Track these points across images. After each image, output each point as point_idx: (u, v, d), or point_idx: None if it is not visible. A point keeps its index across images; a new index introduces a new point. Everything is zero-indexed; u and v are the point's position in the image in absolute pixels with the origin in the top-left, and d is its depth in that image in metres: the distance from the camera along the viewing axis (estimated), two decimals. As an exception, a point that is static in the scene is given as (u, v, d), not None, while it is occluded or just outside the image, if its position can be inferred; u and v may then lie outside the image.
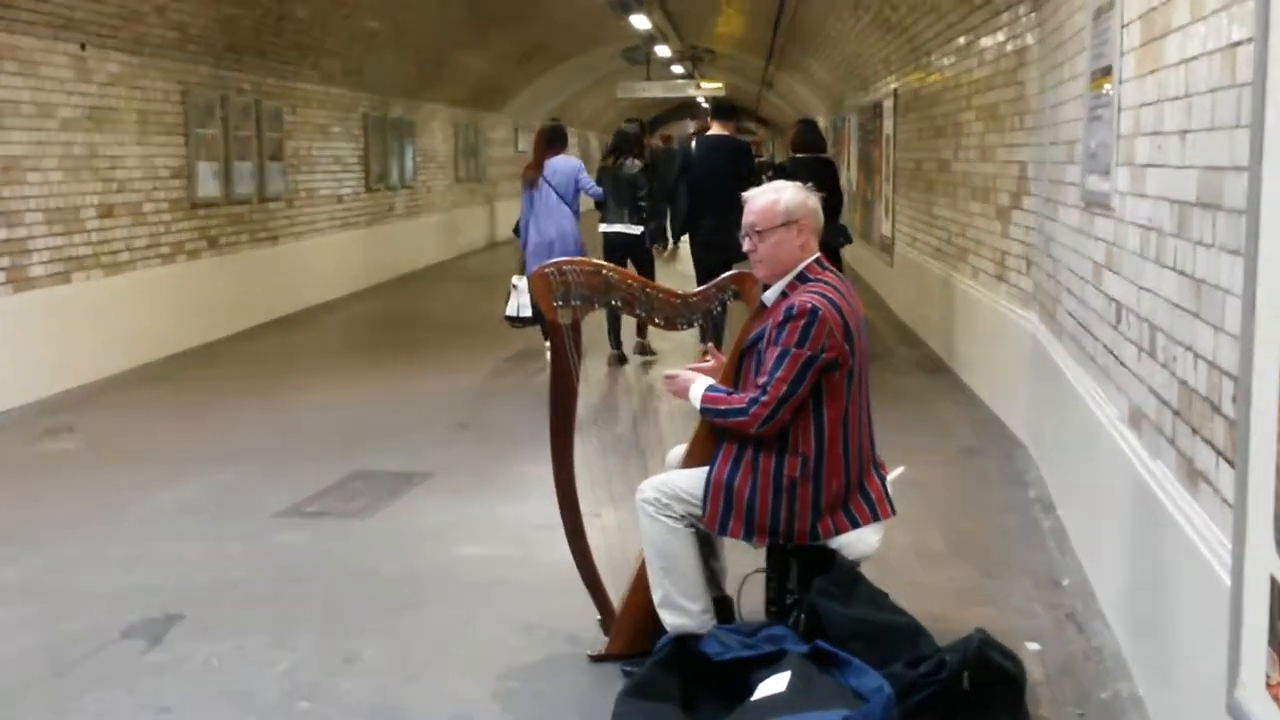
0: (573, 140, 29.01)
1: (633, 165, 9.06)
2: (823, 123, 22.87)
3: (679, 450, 3.73)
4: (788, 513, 3.34)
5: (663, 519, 3.46)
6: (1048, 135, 5.79)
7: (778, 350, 3.29)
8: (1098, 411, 4.27)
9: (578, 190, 8.79)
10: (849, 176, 17.07)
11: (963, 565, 4.65)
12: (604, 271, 3.57)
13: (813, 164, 8.97)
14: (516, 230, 9.03)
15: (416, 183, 16.71)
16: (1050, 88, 5.76)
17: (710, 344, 3.86)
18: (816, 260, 3.45)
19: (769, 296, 3.47)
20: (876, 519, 3.43)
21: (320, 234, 13.13)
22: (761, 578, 3.59)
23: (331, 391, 8.16)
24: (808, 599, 3.34)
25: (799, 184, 3.50)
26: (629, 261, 8.83)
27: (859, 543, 3.40)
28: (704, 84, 26.06)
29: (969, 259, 8.10)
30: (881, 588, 3.46)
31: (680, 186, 8.87)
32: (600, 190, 9.02)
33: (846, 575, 3.39)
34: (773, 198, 3.44)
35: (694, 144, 9.15)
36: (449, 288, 15.02)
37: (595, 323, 17.56)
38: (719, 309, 3.62)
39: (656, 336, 8.46)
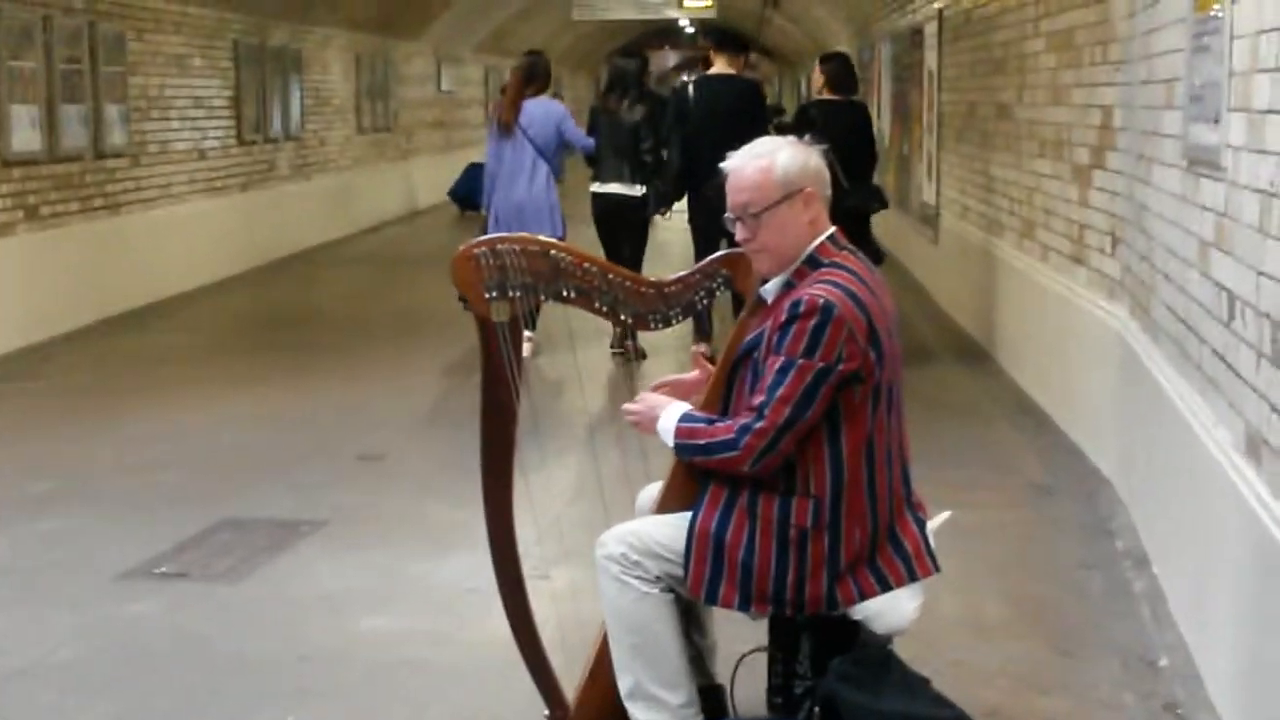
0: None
1: (633, 110, 9.22)
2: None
3: (652, 490, 3.72)
4: (797, 574, 3.35)
5: (631, 582, 3.45)
6: (1139, 71, 5.83)
7: (780, 360, 3.29)
8: (1205, 437, 4.30)
9: (561, 143, 9.01)
10: (879, 127, 17.15)
11: (1029, 641, 4.65)
12: (552, 252, 3.56)
13: (848, 110, 9.25)
14: (454, 194, 9.15)
15: (305, 133, 16.68)
16: (1143, 8, 5.80)
17: (703, 346, 3.86)
18: (830, 238, 3.45)
19: (769, 290, 3.48)
20: (914, 579, 3.43)
21: (177, 201, 13.07)
22: (762, 658, 3.59)
23: (193, 412, 8.11)
24: (823, 687, 3.34)
25: (793, 139, 3.50)
26: (621, 232, 9.10)
27: (891, 612, 3.41)
28: (689, 1, 26.11)
29: (1037, 235, 8.15)
30: (921, 671, 3.46)
31: (674, 138, 9.08)
32: (591, 142, 9.22)
33: (875, 655, 3.38)
34: (764, 163, 3.43)
35: (691, 85, 9.42)
36: (350, 274, 14.99)
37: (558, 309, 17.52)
38: (704, 301, 3.62)
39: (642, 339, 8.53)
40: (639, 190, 9.09)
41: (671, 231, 11.97)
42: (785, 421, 3.26)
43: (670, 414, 3.46)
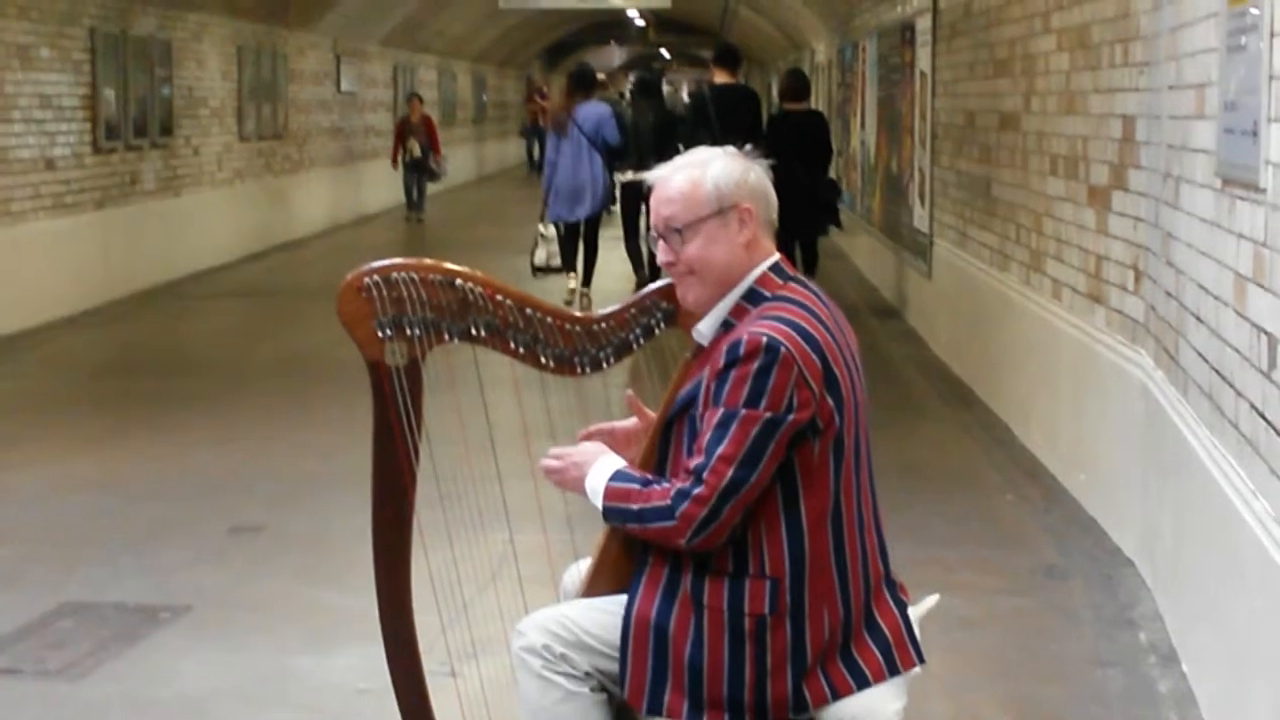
0: (431, 77, 29.13)
1: (647, 114, 14.47)
2: (824, 53, 23.24)
3: (580, 568, 3.70)
4: (755, 673, 3.33)
5: (556, 679, 3.42)
6: (1166, 74, 5.90)
7: (719, 413, 3.28)
8: (1242, 507, 4.32)
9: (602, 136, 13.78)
10: (864, 136, 17.28)
11: (1034, 752, 4.66)
12: (458, 281, 3.55)
13: (808, 117, 13.83)
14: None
15: (176, 140, 16.64)
16: (1170, 1, 5.87)
17: (630, 392, 3.84)
18: (774, 268, 3.46)
19: (704, 330, 3.48)
20: (895, 672, 3.42)
21: (17, 220, 13.01)
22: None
23: (27, 475, 8.05)
24: (787, 805, 3.31)
25: (730, 149, 3.51)
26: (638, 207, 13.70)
27: (868, 716, 3.39)
28: (639, -10, 26.29)
29: (1047, 268, 8.21)
30: (904, 787, 3.44)
31: (700, 134, 12.17)
32: (619, 139, 13.92)
33: (847, 768, 3.36)
34: (694, 173, 3.44)
35: (708, 91, 13.74)
36: (227, 309, 14.94)
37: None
38: (640, 340, 3.62)
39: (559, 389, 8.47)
40: None
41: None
42: (728, 485, 3.25)
43: (600, 471, 3.45)
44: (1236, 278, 4.58)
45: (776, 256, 3.47)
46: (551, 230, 13.79)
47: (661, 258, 3.48)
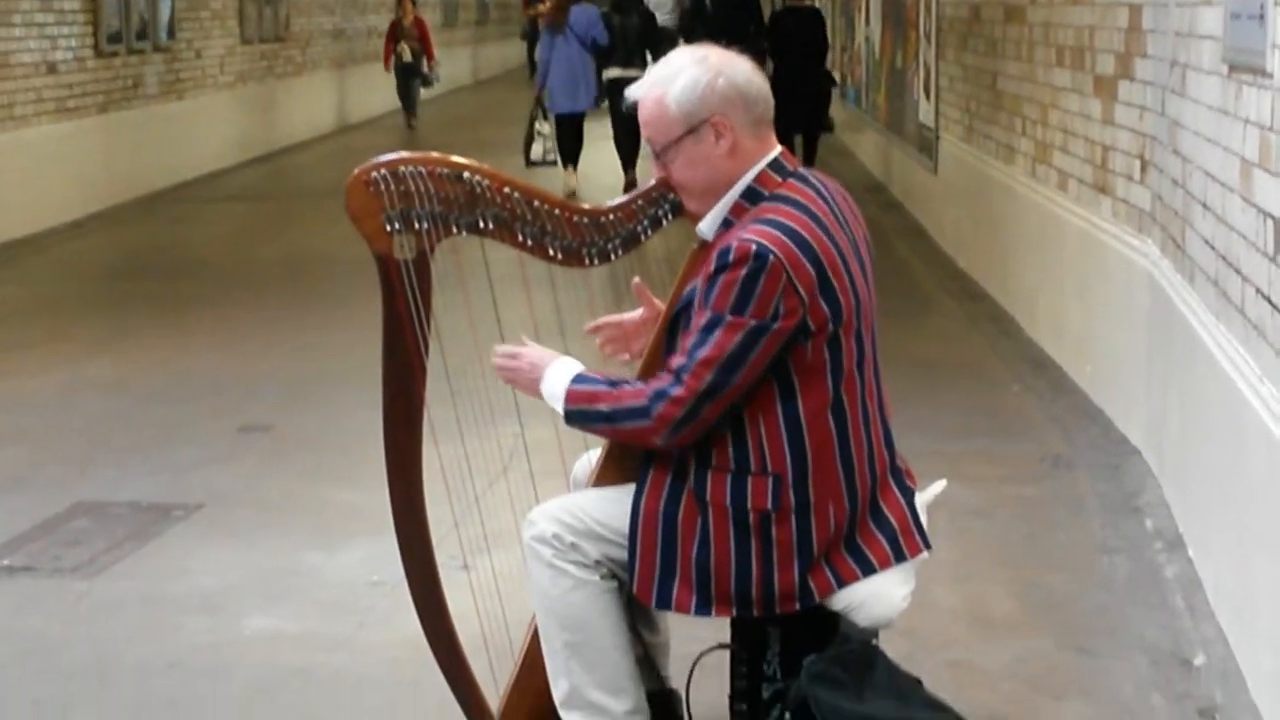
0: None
1: (631, 16, 15.25)
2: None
3: (588, 460, 3.74)
4: (762, 567, 3.36)
5: (566, 567, 3.47)
6: (1172, -39, 5.86)
7: (706, 316, 3.28)
8: (1249, 393, 4.34)
9: (592, 36, 15.04)
10: (868, 32, 17.17)
11: (1042, 636, 4.69)
12: (465, 175, 3.55)
13: (807, 13, 15.76)
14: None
15: (178, 44, 16.54)
16: (1176, -114, 5.83)
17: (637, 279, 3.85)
18: (773, 164, 3.44)
19: (705, 228, 3.48)
20: (901, 559, 3.45)
21: (21, 125, 12.95)
22: (724, 657, 3.61)
23: (39, 378, 8.08)
24: (796, 689, 3.35)
25: (697, 52, 3.45)
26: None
27: (875, 600, 3.43)
28: None
29: (1053, 159, 8.19)
30: (912, 671, 3.48)
31: (698, 30, 13.75)
32: (606, 38, 15.07)
33: (856, 652, 3.40)
34: (657, 93, 3.41)
35: None
36: (232, 212, 14.91)
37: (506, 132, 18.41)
38: (648, 231, 3.62)
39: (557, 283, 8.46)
40: (640, 72, 12.49)
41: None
42: (706, 388, 3.26)
43: (558, 374, 3.46)
44: (1243, 163, 4.58)
45: (776, 151, 3.45)
46: (548, 127, 15.64)
47: (654, 174, 3.49)
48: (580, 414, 3.41)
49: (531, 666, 3.66)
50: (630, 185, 14.51)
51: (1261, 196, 4.34)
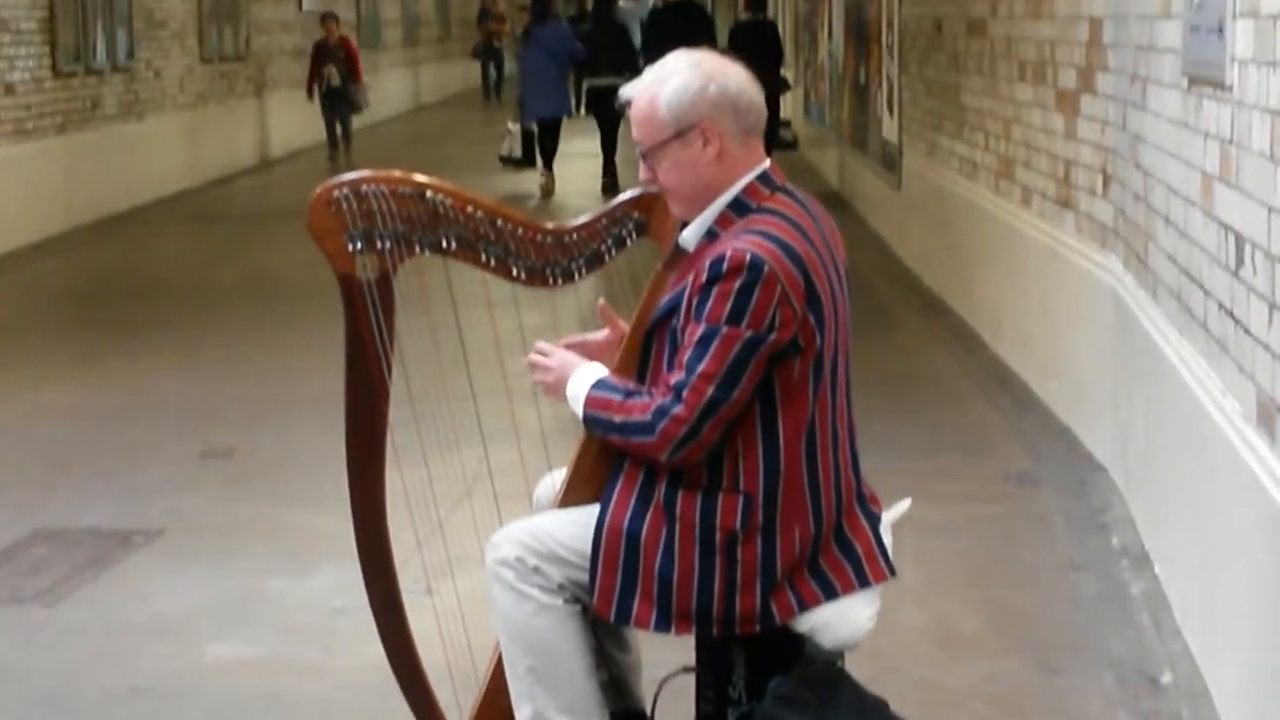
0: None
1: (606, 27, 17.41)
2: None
3: (551, 481, 3.72)
4: (724, 586, 3.35)
5: (529, 591, 3.45)
6: (1133, -24, 5.88)
7: (700, 329, 3.27)
8: (1211, 407, 4.35)
9: (567, 51, 16.91)
10: (831, 47, 17.23)
11: (1008, 656, 4.69)
12: (428, 194, 3.54)
13: (761, 25, 17.72)
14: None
15: (137, 63, 16.50)
16: (1135, -98, 5.85)
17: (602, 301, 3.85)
18: (762, 176, 3.44)
19: (688, 237, 3.47)
20: (865, 584, 3.44)
21: (-22, 147, 12.89)
22: (690, 679, 3.59)
23: (1, 400, 8.04)
24: (760, 711, 3.35)
25: (693, 57, 3.45)
26: (607, 109, 15.96)
27: (839, 623, 3.42)
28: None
29: (1016, 174, 8.22)
30: (879, 692, 3.47)
31: (660, 49, 13.84)
32: (583, 52, 16.94)
33: (822, 674, 3.39)
34: (650, 93, 3.41)
35: (664, 7, 17.61)
36: (193, 234, 14.89)
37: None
38: (612, 251, 3.62)
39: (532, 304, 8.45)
40: (617, 80, 13.89)
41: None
42: (708, 404, 3.25)
43: (582, 377, 3.45)
44: (1204, 177, 4.60)
45: (765, 164, 3.44)
46: (516, 127, 17.83)
47: (641, 175, 3.47)
48: (595, 420, 3.41)
49: (496, 691, 3.64)
50: (608, 187, 16.28)
51: (1223, 210, 4.36)
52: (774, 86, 17.00)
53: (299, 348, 8.98)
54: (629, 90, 3.48)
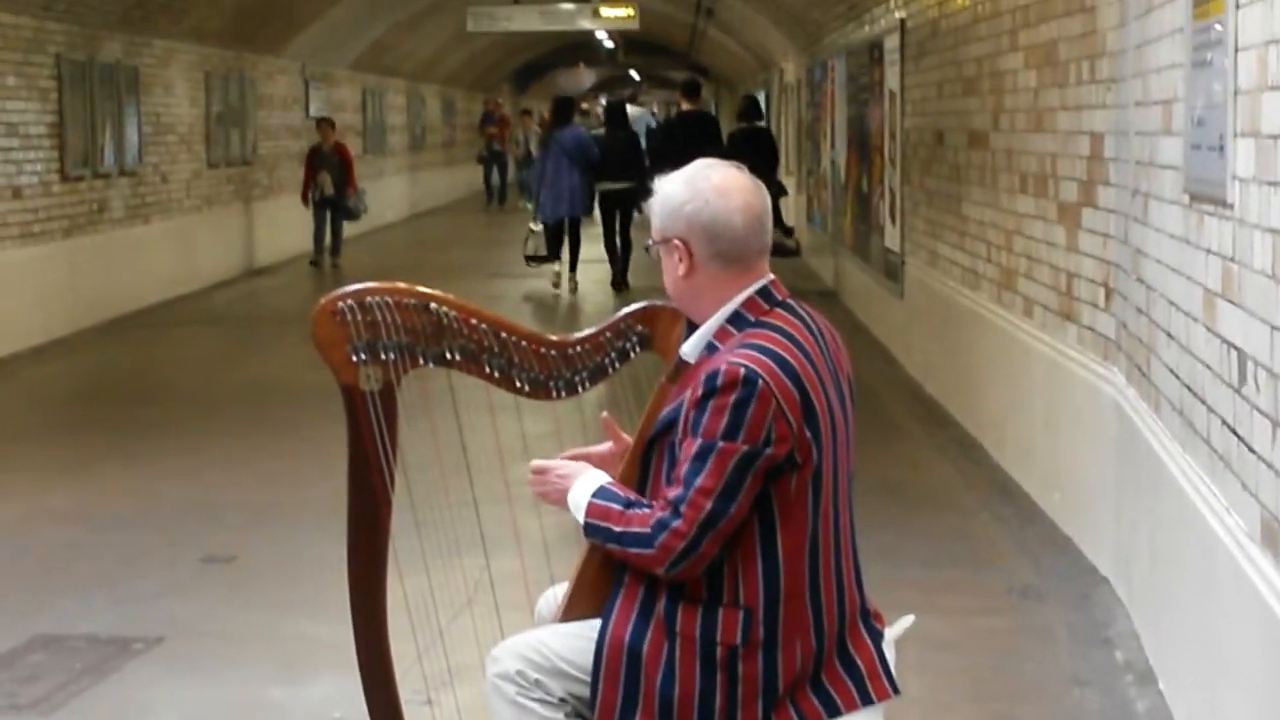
0: (400, 101, 29.15)
1: (620, 134, 18.28)
2: (793, 73, 23.30)
3: (555, 594, 3.71)
4: (725, 702, 3.33)
5: (530, 705, 3.43)
6: (1133, 91, 5.94)
7: (697, 444, 3.27)
8: (1215, 523, 4.34)
9: (582, 154, 17.49)
10: (833, 156, 17.35)
11: (1012, 771, 4.67)
12: (432, 305, 3.56)
13: (758, 132, 18.72)
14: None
15: (144, 167, 16.60)
16: (1135, 17, 5.92)
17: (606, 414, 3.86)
18: (761, 291, 3.45)
19: (689, 350, 3.48)
20: (868, 702, 3.42)
21: (-15, 250, 12.94)
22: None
23: (1, 503, 8.01)
24: (763, 829, 3.32)
25: (704, 171, 3.45)
26: (615, 211, 17.69)
27: (844, 737, 3.40)
28: (606, 10, 26.32)
29: (1018, 286, 8.24)
30: (881, 809, 3.45)
31: (669, 155, 14.09)
32: (598, 155, 17.56)
33: (824, 790, 3.37)
34: (660, 191, 3.47)
35: (676, 117, 18.80)
36: (197, 337, 14.91)
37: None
38: (615, 364, 3.63)
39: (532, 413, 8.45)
40: (627, 185, 16.99)
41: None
42: (706, 518, 3.25)
43: (584, 485, 3.45)
44: (1206, 293, 4.61)
45: (765, 280, 3.45)
46: (539, 226, 17.67)
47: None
48: (595, 529, 3.40)
49: (496, 804, 3.61)
50: (616, 276, 17.53)
51: (1225, 327, 4.37)
52: (773, 189, 17.04)
53: (302, 452, 8.98)
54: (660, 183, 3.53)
